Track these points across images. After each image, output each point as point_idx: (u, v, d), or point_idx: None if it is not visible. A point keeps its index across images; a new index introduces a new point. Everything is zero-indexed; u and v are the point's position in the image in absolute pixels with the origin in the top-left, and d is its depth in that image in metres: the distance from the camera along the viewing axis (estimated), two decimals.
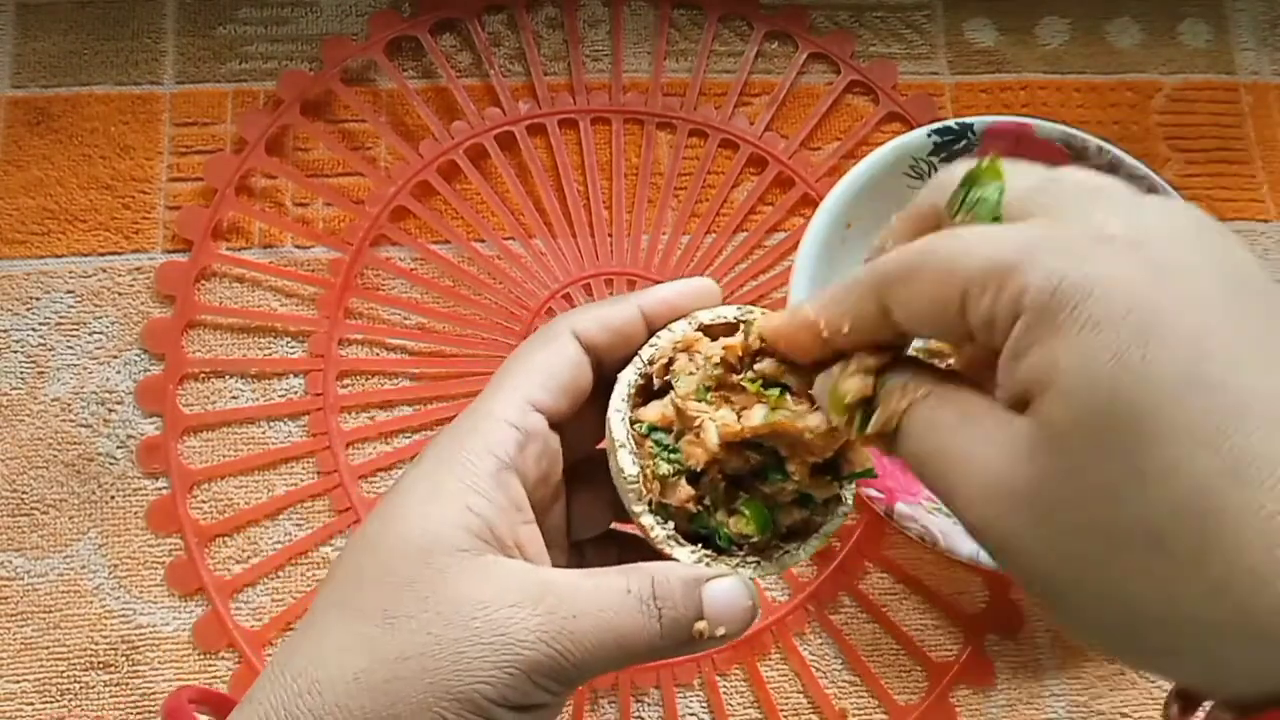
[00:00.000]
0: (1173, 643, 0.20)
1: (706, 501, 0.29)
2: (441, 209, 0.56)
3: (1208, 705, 0.21)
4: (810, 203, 0.56)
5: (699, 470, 0.28)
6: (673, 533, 0.29)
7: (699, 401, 0.28)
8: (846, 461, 0.29)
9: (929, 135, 0.52)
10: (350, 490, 0.51)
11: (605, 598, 0.26)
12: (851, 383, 0.25)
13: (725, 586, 0.27)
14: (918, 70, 0.60)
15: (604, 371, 0.31)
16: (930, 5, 0.61)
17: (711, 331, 0.30)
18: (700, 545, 0.29)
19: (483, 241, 0.55)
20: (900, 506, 0.47)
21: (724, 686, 0.49)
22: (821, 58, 0.60)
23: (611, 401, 0.29)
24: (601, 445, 0.31)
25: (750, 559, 0.29)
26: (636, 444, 0.29)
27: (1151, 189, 0.51)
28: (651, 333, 0.30)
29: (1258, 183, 0.60)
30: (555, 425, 0.30)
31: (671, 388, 0.29)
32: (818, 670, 0.50)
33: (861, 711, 0.49)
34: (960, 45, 0.61)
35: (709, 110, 0.58)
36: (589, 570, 0.27)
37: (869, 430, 0.25)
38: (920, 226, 0.25)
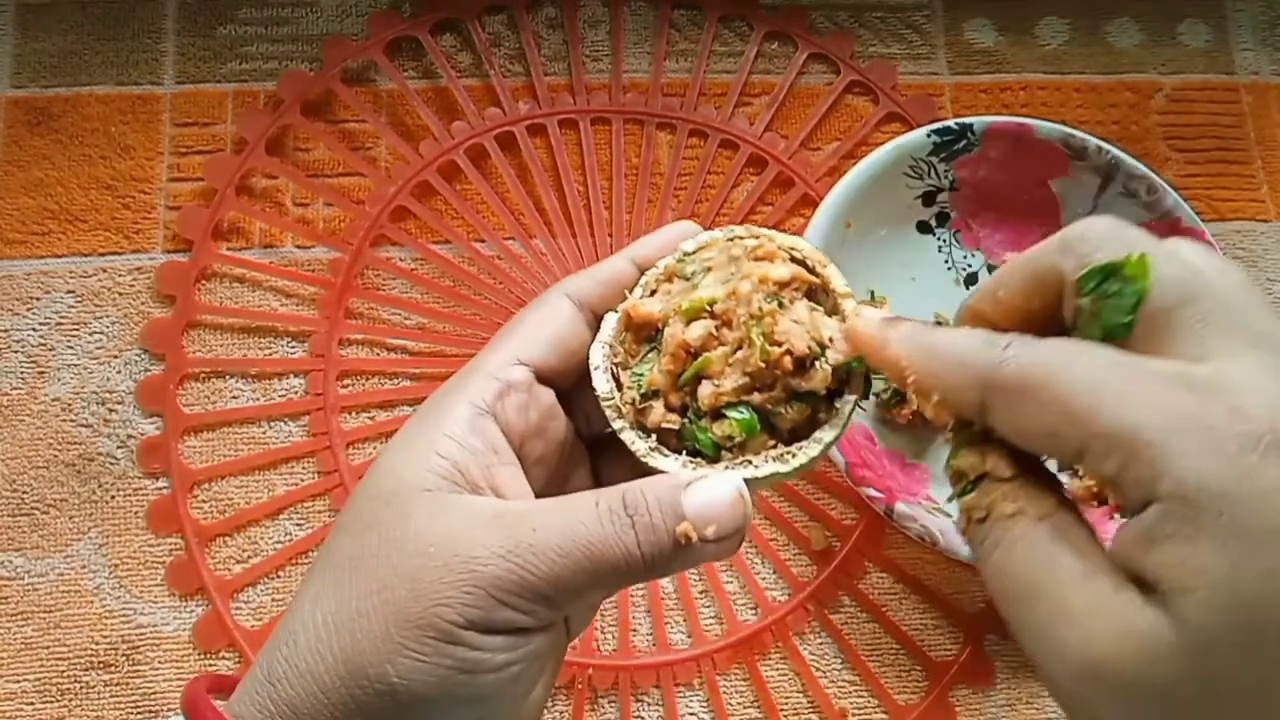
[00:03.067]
0: None
1: (690, 416, 0.28)
2: (441, 209, 0.56)
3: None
4: (810, 203, 0.56)
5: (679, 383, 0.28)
6: (655, 445, 0.28)
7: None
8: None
9: (929, 135, 0.52)
10: (350, 490, 0.51)
11: (570, 512, 0.26)
12: (965, 460, 0.24)
13: (705, 485, 0.26)
14: (917, 70, 0.60)
15: None
16: (930, 5, 0.61)
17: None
18: (685, 454, 0.28)
19: (483, 241, 0.55)
20: (900, 506, 0.47)
21: (724, 686, 0.49)
22: (821, 58, 0.60)
23: (598, 336, 0.30)
24: None
25: (742, 460, 0.28)
26: (615, 367, 0.29)
27: (1151, 189, 0.51)
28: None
29: (1257, 183, 0.60)
30: (558, 384, 0.30)
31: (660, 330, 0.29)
32: (818, 670, 0.50)
33: (861, 711, 0.49)
34: (960, 45, 0.61)
35: (709, 110, 0.58)
36: (561, 497, 0.27)
37: (957, 504, 0.24)
38: (1038, 287, 0.24)
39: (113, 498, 0.50)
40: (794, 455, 0.28)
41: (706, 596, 0.51)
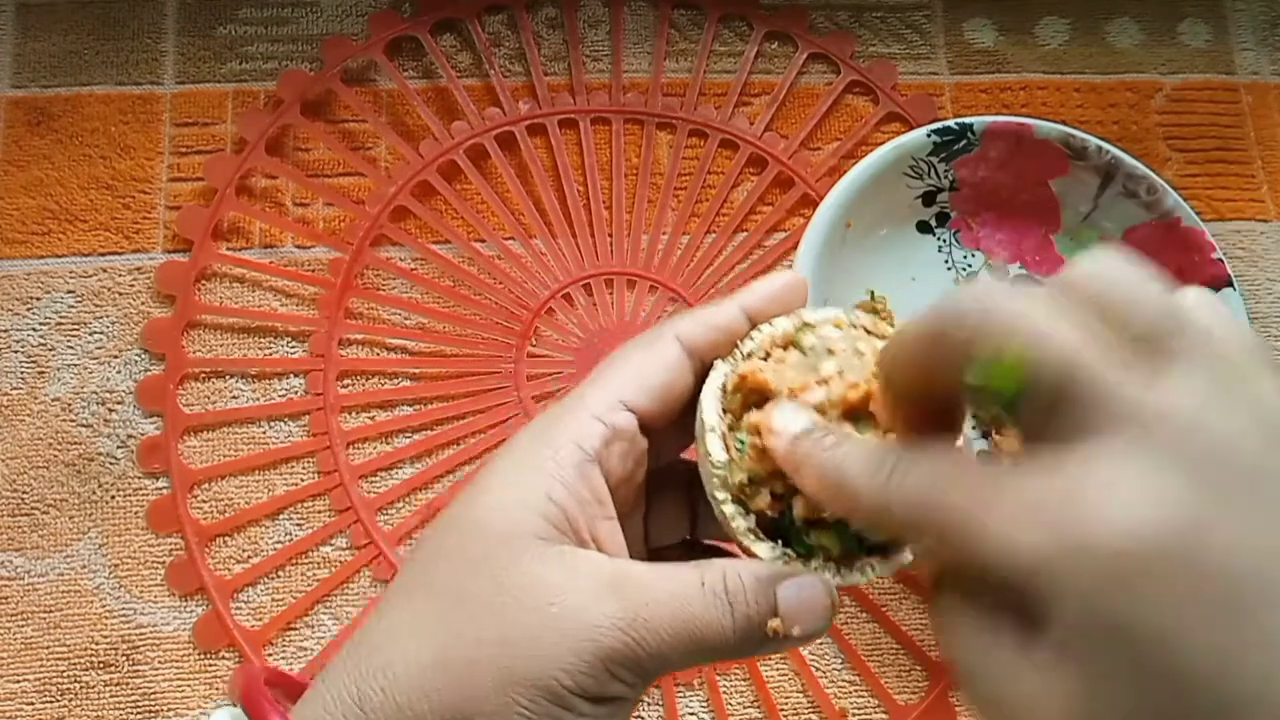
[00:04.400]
0: None
1: (786, 509, 0.28)
2: (441, 209, 0.56)
3: None
4: (810, 203, 0.56)
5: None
6: (754, 526, 0.28)
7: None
8: None
9: (929, 135, 0.52)
10: (350, 490, 0.51)
11: (680, 589, 0.26)
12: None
13: (801, 585, 0.26)
14: (917, 70, 0.60)
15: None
16: (930, 5, 0.61)
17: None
18: (780, 543, 0.28)
19: (483, 241, 0.55)
20: None
21: (724, 686, 0.49)
22: (821, 58, 0.60)
23: (706, 386, 0.29)
24: (684, 455, 0.30)
25: (830, 564, 0.28)
26: (726, 432, 0.28)
27: (1151, 189, 0.51)
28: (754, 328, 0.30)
29: (1257, 183, 0.60)
30: (646, 428, 0.29)
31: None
32: (818, 670, 0.50)
33: (861, 711, 0.49)
34: (960, 45, 0.61)
35: (709, 110, 0.58)
36: (663, 564, 0.27)
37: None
38: (930, 383, 0.24)
39: (113, 498, 0.50)
40: (876, 568, 0.28)
41: None
